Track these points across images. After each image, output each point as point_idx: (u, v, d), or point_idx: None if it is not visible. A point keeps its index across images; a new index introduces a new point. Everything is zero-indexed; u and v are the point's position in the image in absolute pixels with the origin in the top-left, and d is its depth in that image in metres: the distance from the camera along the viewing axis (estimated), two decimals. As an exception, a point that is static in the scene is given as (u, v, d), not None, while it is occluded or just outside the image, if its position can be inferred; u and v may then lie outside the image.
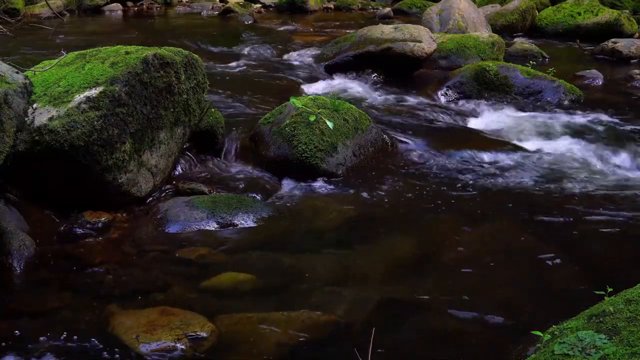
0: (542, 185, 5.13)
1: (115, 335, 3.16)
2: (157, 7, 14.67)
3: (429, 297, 3.61)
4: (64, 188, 4.33)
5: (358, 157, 5.40)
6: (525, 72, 7.56)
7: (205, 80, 5.12)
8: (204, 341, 3.14)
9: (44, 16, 12.57)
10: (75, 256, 3.96)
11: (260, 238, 4.27)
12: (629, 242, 4.29)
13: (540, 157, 5.69)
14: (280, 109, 5.64)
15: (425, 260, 4.06)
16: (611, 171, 5.47)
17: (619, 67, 9.37)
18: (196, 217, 4.36)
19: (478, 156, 5.70)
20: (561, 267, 3.92)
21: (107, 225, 4.29)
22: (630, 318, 2.45)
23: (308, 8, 14.25)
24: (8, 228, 3.88)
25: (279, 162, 5.24)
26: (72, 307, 3.44)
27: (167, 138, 4.75)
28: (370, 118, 5.78)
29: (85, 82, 4.38)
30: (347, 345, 3.10)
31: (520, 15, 11.72)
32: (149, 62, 4.54)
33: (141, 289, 3.64)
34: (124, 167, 4.38)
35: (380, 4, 15.42)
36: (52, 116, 4.17)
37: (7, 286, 3.67)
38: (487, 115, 6.92)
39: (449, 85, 7.54)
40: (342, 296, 3.62)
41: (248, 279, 3.74)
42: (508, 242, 4.26)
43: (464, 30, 9.72)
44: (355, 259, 4.05)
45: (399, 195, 4.94)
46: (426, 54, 7.92)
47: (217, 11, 14.23)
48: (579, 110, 7.04)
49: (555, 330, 2.58)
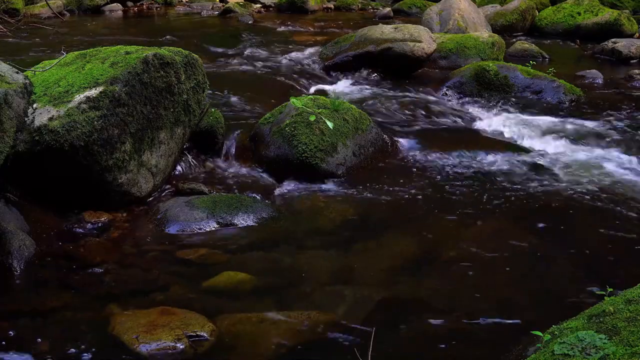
0: (542, 185, 5.13)
1: (115, 335, 3.16)
2: (157, 7, 14.67)
3: (429, 297, 3.61)
4: (64, 188, 4.33)
5: (358, 157, 5.40)
6: (525, 72, 7.56)
7: (205, 80, 5.12)
8: (204, 341, 3.14)
9: (44, 16, 12.56)
10: (75, 256, 3.96)
11: (260, 238, 4.27)
12: (629, 242, 4.29)
13: (540, 157, 5.69)
14: (280, 109, 5.64)
15: (425, 260, 4.07)
16: (611, 171, 5.46)
17: (619, 67, 9.36)
18: (196, 217, 4.36)
19: (478, 156, 5.70)
20: (561, 267, 3.92)
21: (107, 225, 4.30)
22: (630, 318, 2.45)
23: (308, 8, 14.24)
24: (8, 228, 3.89)
25: (279, 162, 5.24)
26: (72, 307, 3.45)
27: (167, 138, 4.75)
28: (370, 118, 5.78)
29: (85, 82, 4.38)
30: (347, 345, 3.10)
31: (520, 15, 11.72)
32: (149, 62, 4.55)
33: (141, 289, 3.64)
34: (124, 167, 4.39)
35: (380, 4, 15.42)
36: (52, 116, 4.17)
37: (7, 286, 3.67)
38: (487, 115, 6.92)
39: (449, 85, 7.54)
40: (342, 296, 3.63)
41: (248, 279, 3.74)
42: (508, 242, 4.26)
43: (464, 30, 9.72)
44: (355, 259, 4.05)
45: (399, 195, 4.94)
46: (426, 54, 7.92)
47: (217, 11, 14.22)
48: (579, 110, 7.04)
49: (555, 330, 2.58)
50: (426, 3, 13.91)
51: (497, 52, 8.66)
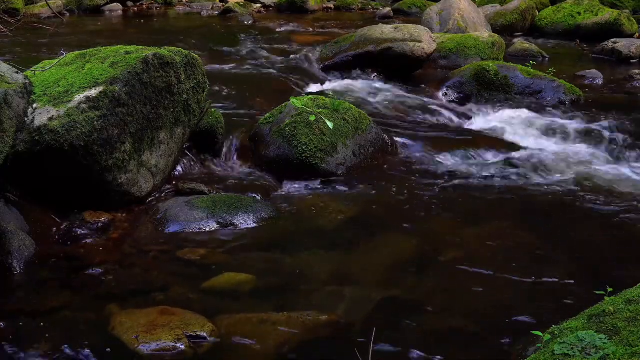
0: (542, 185, 5.13)
1: (115, 335, 3.16)
2: (157, 7, 14.66)
3: (429, 297, 3.61)
4: (64, 188, 4.33)
5: (358, 157, 5.40)
6: (525, 72, 7.56)
7: (205, 80, 5.12)
8: (204, 341, 3.14)
9: (44, 16, 12.56)
10: (75, 256, 3.96)
11: (260, 238, 4.27)
12: (629, 242, 4.29)
13: (540, 157, 5.68)
14: (280, 109, 5.64)
15: (425, 260, 4.06)
16: (611, 171, 5.47)
17: (619, 67, 9.36)
18: (196, 217, 4.36)
19: (478, 156, 5.70)
20: (561, 267, 3.92)
21: (107, 225, 4.29)
22: (630, 318, 2.45)
23: (308, 8, 14.23)
24: (8, 228, 3.88)
25: (279, 162, 5.24)
26: (72, 307, 3.45)
27: (167, 138, 4.75)
28: (370, 118, 5.78)
29: (85, 82, 4.38)
30: (347, 345, 3.10)
31: (520, 15, 11.71)
32: (149, 62, 4.54)
33: (141, 289, 3.64)
34: (124, 167, 4.38)
35: (380, 4, 15.41)
36: (52, 116, 4.17)
37: (7, 286, 3.67)
38: (487, 115, 6.92)
39: (449, 85, 7.54)
40: (342, 296, 3.62)
41: (248, 279, 3.74)
42: (508, 242, 4.26)
43: (464, 30, 9.72)
44: (355, 259, 4.06)
45: (399, 195, 4.94)
46: (426, 54, 7.92)
47: (217, 11, 14.22)
48: (579, 110, 7.03)
49: (555, 330, 2.58)
50: (426, 3, 13.90)
51: (497, 52, 8.66)
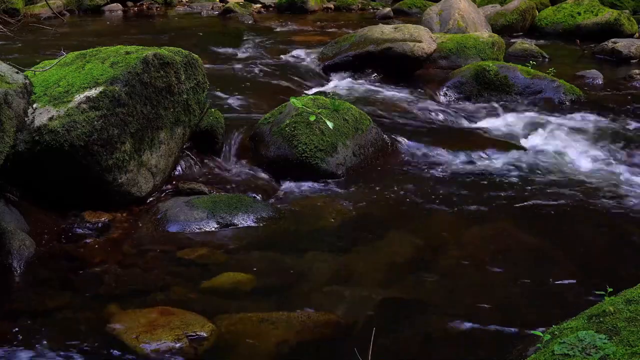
0: (542, 185, 5.13)
1: (115, 335, 3.16)
2: (157, 7, 14.66)
3: (429, 297, 3.61)
4: (64, 188, 4.33)
5: (358, 157, 5.40)
6: (525, 72, 7.55)
7: (205, 80, 5.12)
8: (204, 341, 3.14)
9: (44, 16, 12.56)
10: (75, 256, 3.96)
11: (260, 238, 4.27)
12: (629, 242, 4.30)
13: (540, 157, 5.69)
14: (280, 109, 5.64)
15: (425, 260, 4.06)
16: (611, 171, 5.47)
17: (619, 67, 9.36)
18: (196, 217, 4.36)
19: (478, 156, 5.70)
20: (561, 267, 3.92)
21: (107, 225, 4.29)
22: (630, 318, 2.45)
23: (308, 8, 14.23)
24: (8, 228, 3.88)
25: (279, 162, 5.24)
26: (72, 307, 3.45)
27: (167, 138, 4.75)
28: (370, 118, 5.78)
29: (85, 82, 4.38)
30: (347, 345, 3.10)
31: (520, 15, 11.71)
32: (149, 62, 4.54)
33: (141, 289, 3.64)
34: (124, 167, 4.38)
35: (380, 4, 15.41)
36: (52, 116, 4.17)
37: (7, 286, 3.67)
38: (487, 115, 6.92)
39: (449, 85, 7.54)
40: (342, 296, 3.63)
41: (248, 279, 3.74)
42: (508, 242, 4.27)
43: (464, 30, 9.72)
44: (355, 259, 4.05)
45: (399, 195, 4.94)
46: (426, 54, 7.91)
47: (217, 11, 14.22)
48: (579, 110, 7.03)
49: (555, 330, 2.58)
50: (426, 3, 13.91)
51: (497, 52, 8.66)
